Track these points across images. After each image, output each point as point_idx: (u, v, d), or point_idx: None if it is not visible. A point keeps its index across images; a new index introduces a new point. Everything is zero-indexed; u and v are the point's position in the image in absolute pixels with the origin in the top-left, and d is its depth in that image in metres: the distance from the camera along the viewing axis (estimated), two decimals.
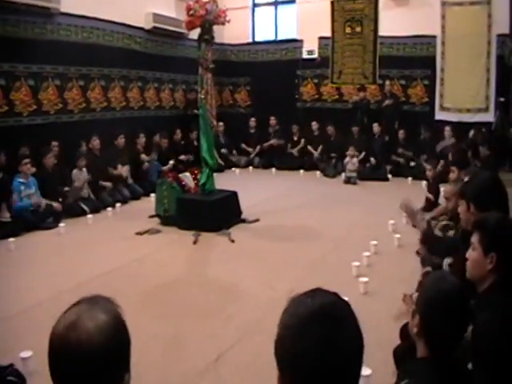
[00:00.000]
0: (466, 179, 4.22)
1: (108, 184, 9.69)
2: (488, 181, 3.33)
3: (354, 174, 11.67)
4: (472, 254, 2.54)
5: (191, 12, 7.47)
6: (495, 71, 12.23)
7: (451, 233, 5.04)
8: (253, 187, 10.88)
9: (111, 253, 6.78)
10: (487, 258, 2.43)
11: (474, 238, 2.53)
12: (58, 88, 9.94)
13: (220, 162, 12.21)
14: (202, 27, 7.69)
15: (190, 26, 7.70)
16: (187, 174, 8.81)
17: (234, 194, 8.20)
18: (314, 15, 13.89)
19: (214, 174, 8.34)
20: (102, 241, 7.35)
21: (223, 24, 7.97)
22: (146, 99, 12.47)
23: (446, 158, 9.38)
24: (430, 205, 7.75)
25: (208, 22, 7.61)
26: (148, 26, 12.15)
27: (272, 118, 14.18)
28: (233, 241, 7.13)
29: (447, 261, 3.94)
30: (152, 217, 8.35)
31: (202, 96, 7.80)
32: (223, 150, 13.40)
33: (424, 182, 9.59)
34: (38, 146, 8.84)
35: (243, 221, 8.08)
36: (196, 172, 8.27)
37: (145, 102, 12.41)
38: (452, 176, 6.40)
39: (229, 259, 6.52)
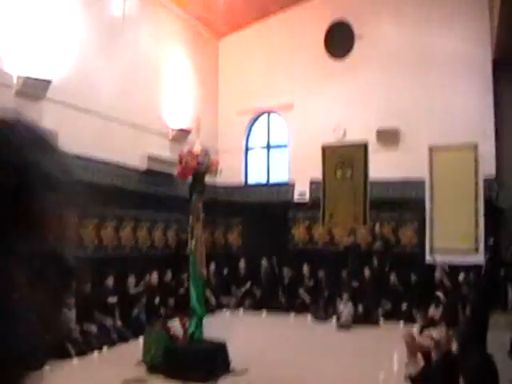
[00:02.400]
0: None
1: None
2: (480, 363, 3.25)
3: (349, 319, 11.50)
4: None
5: (183, 163, 7.63)
6: (484, 213, 12.42)
7: None
8: (243, 332, 10.69)
9: None
10: None
11: None
12: None
13: (211, 302, 12.16)
14: (193, 178, 7.84)
15: (183, 176, 7.86)
16: (176, 320, 8.66)
17: (223, 345, 8.01)
18: (305, 159, 14.36)
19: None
20: None
21: (215, 175, 8.15)
22: (139, 239, 12.46)
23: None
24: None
25: (200, 173, 7.77)
26: (143, 166, 12.41)
27: (264, 259, 14.16)
28: None
29: None
30: (139, 363, 8.07)
31: (193, 245, 7.82)
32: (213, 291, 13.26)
33: (415, 327, 9.44)
34: None
35: (231, 371, 7.82)
36: (185, 320, 8.13)
37: (136, 242, 12.39)
38: (441, 333, 6.32)
39: None
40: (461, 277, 11.41)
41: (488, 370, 3.14)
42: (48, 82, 9.65)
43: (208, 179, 8.46)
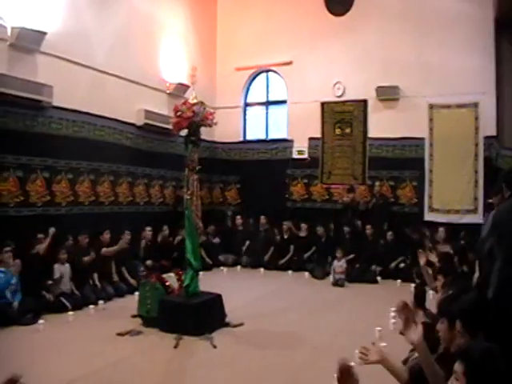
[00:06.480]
0: (444, 297, 4.07)
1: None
2: (476, 301, 3.20)
3: (342, 276, 11.49)
4: None
5: (179, 113, 7.52)
6: (483, 173, 12.33)
7: None
8: (239, 288, 10.73)
9: (89, 355, 6.45)
10: None
11: (458, 368, 2.36)
12: (46, 180, 9.78)
13: (208, 260, 12.16)
14: (188, 129, 7.73)
15: (178, 127, 7.74)
16: (171, 274, 8.64)
17: (219, 297, 7.96)
18: (304, 116, 14.26)
19: (201, 273, 8.18)
20: (80, 341, 7.03)
21: (210, 126, 7.99)
22: (136, 194, 12.37)
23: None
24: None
25: (195, 123, 7.65)
26: (139, 122, 12.27)
27: (262, 216, 14.17)
28: (215, 346, 6.83)
29: None
30: (134, 317, 8.07)
31: (188, 197, 7.74)
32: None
33: (413, 285, 9.36)
34: (23, 238, 8.69)
35: (227, 324, 7.82)
36: (180, 273, 8.09)
37: (134, 198, 12.30)
38: (438, 284, 6.27)
39: (208, 367, 6.18)
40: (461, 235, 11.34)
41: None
42: (43, 34, 9.45)
43: (205, 136, 8.32)
